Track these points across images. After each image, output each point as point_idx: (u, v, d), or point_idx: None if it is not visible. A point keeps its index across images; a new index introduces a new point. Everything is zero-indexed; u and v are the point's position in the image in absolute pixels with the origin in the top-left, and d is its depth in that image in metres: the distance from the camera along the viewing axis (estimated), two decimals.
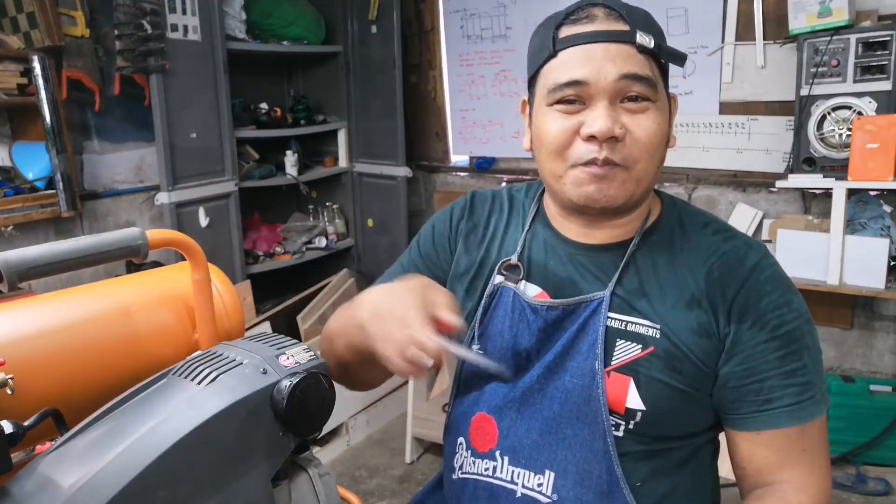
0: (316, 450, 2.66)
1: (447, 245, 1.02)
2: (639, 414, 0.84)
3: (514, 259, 0.94)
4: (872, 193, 2.53)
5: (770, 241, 2.72)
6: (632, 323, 0.85)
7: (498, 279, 0.94)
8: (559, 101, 0.83)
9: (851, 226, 2.51)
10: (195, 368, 0.66)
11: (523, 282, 0.93)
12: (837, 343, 2.77)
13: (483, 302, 0.95)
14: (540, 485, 0.87)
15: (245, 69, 3.11)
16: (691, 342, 0.83)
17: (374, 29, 3.23)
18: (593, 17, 0.83)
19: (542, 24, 0.88)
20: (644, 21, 0.84)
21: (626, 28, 0.82)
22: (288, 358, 0.68)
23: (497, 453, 0.90)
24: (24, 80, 2.31)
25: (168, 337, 0.82)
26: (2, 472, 0.61)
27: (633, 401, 0.84)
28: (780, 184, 2.57)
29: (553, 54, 0.83)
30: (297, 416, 0.65)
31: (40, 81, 2.23)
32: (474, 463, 0.93)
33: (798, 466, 0.83)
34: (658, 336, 0.84)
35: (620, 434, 0.85)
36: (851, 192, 2.46)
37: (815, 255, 2.46)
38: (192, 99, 2.60)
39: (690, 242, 0.88)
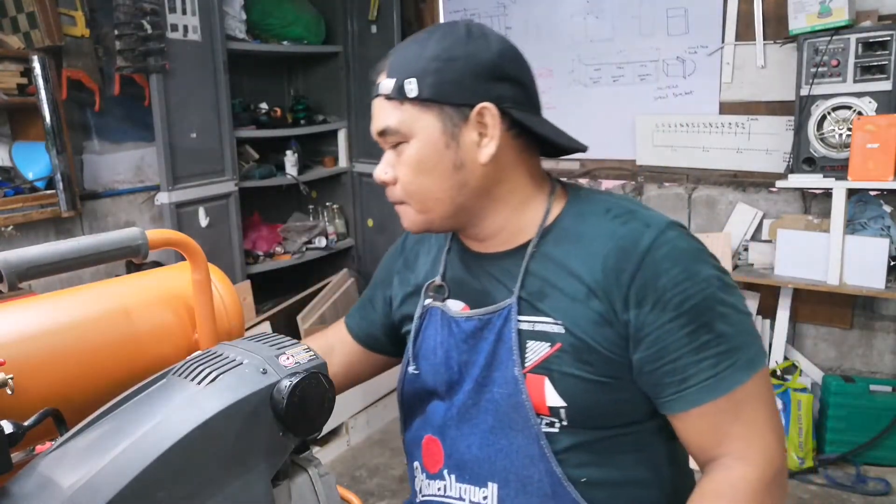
0: (316, 450, 2.66)
1: (390, 286, 1.10)
2: (562, 411, 0.85)
3: (437, 280, 0.98)
4: (872, 193, 2.53)
5: (770, 241, 2.72)
6: (538, 323, 0.86)
7: (427, 301, 0.99)
8: None
9: (851, 226, 2.51)
10: (195, 368, 0.66)
11: (449, 299, 0.97)
12: (837, 343, 2.77)
13: (415, 324, 0.99)
14: (485, 498, 0.90)
15: (245, 69, 3.11)
16: (594, 333, 0.83)
17: (374, 29, 3.23)
18: (377, 71, 0.90)
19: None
20: (395, 65, 0.87)
21: (379, 80, 0.88)
22: (288, 358, 0.68)
23: (445, 472, 0.94)
24: (24, 80, 2.31)
25: (168, 337, 0.82)
26: (2, 472, 0.61)
27: (553, 399, 0.85)
28: (780, 184, 2.57)
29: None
30: (297, 416, 0.65)
31: (40, 81, 2.23)
32: (429, 485, 0.97)
33: (735, 436, 0.82)
34: (563, 332, 0.85)
35: (556, 430, 0.86)
36: (851, 192, 2.46)
37: (815, 255, 2.46)
38: (192, 99, 2.60)
39: (589, 233, 0.87)
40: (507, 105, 0.86)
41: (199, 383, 0.64)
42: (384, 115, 0.87)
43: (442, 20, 3.40)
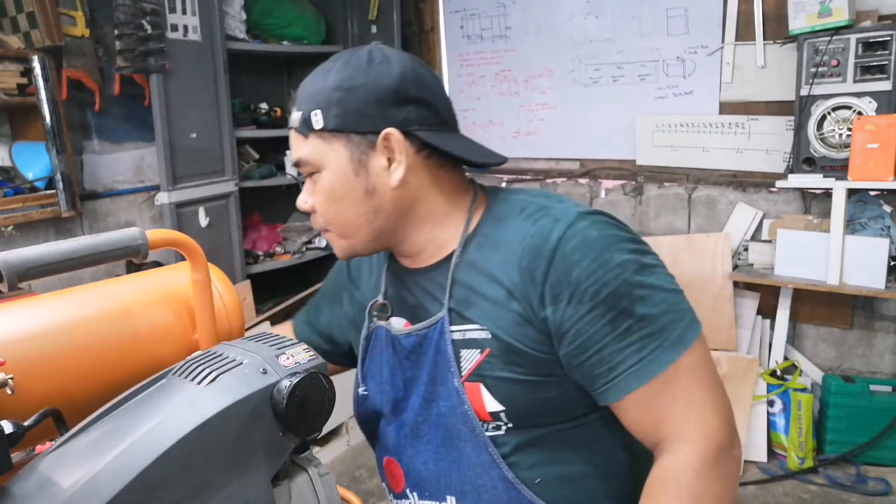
0: (316, 450, 2.66)
1: (339, 301, 1.11)
2: (502, 414, 0.86)
3: (380, 299, 0.99)
4: (872, 193, 2.53)
5: (770, 241, 2.72)
6: (468, 331, 0.87)
7: (372, 321, 1.00)
8: None
9: (851, 226, 2.51)
10: (195, 368, 0.66)
11: (393, 317, 0.98)
12: (837, 343, 2.77)
13: (362, 345, 1.01)
14: None
15: (245, 69, 3.11)
16: (517, 334, 0.84)
17: (374, 29, 3.23)
18: (292, 102, 0.92)
19: None
20: (307, 96, 0.88)
21: (293, 114, 0.89)
22: (288, 358, 0.68)
23: (407, 491, 0.96)
24: (24, 80, 2.31)
25: (168, 337, 0.82)
26: (2, 472, 0.61)
27: (491, 404, 0.86)
28: (780, 184, 2.57)
29: None
30: (297, 416, 0.65)
31: (40, 81, 2.22)
32: None
33: (673, 417, 0.81)
34: (489, 337, 0.85)
35: (503, 433, 0.87)
36: (851, 192, 2.46)
37: (815, 255, 2.46)
38: (192, 99, 2.60)
39: (505, 236, 0.87)
40: (413, 128, 0.85)
41: (199, 383, 0.64)
42: (296, 146, 0.89)
43: (442, 20, 3.40)
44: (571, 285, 0.80)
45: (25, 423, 0.63)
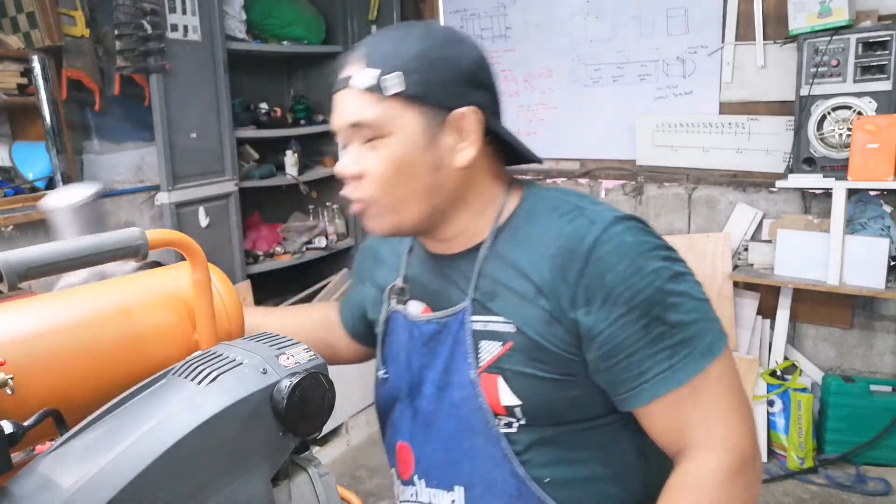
0: (316, 450, 2.66)
1: (364, 283, 1.11)
2: (517, 409, 0.85)
3: (399, 282, 0.98)
4: (872, 193, 2.53)
5: (770, 241, 2.72)
6: (490, 322, 0.86)
7: (391, 304, 0.99)
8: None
9: (851, 226, 2.51)
10: (195, 368, 0.66)
11: (410, 301, 0.97)
12: (837, 343, 2.77)
13: (381, 328, 1.00)
14: (453, 501, 0.90)
15: (245, 69, 3.11)
16: (544, 331, 0.83)
17: (373, 29, 3.23)
18: (344, 63, 0.87)
19: None
20: (381, 57, 0.83)
21: (350, 73, 0.84)
22: (288, 358, 0.68)
23: (416, 478, 0.95)
24: (24, 80, 2.31)
25: (168, 337, 0.82)
26: (2, 472, 0.61)
27: (507, 397, 0.85)
28: (780, 184, 2.57)
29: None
30: (297, 416, 0.65)
31: (40, 81, 2.22)
32: (403, 491, 0.98)
33: (698, 425, 0.80)
34: (514, 331, 0.85)
35: (515, 430, 0.86)
36: (851, 192, 2.46)
37: (815, 255, 2.46)
38: (192, 99, 2.60)
39: (538, 233, 0.87)
40: (485, 112, 0.85)
41: (199, 383, 0.64)
42: (358, 107, 0.83)
43: (442, 20, 3.40)
44: (605, 289, 0.80)
45: (25, 423, 0.63)
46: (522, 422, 0.86)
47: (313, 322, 1.16)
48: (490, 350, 0.86)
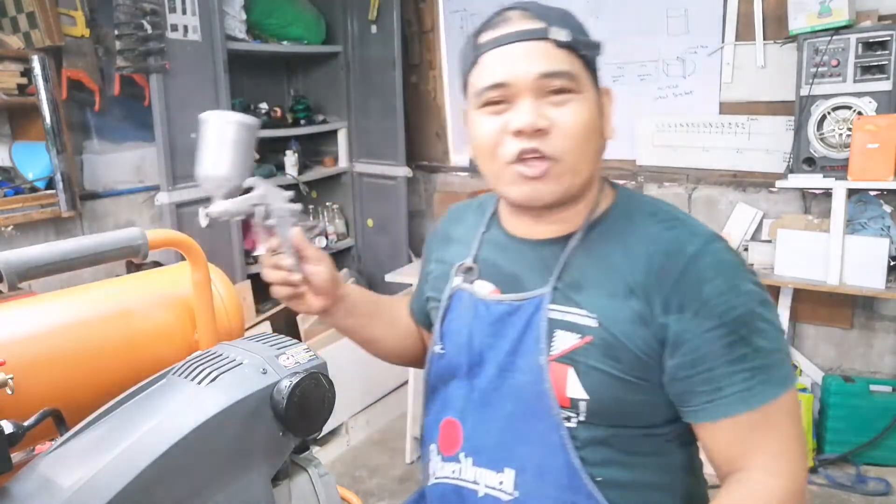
0: (316, 450, 2.66)
1: (431, 261, 1.10)
2: (582, 403, 0.85)
3: (468, 261, 0.98)
4: (872, 193, 2.53)
5: (770, 241, 2.72)
6: (570, 314, 0.86)
7: (456, 281, 0.99)
8: (486, 104, 0.86)
9: (851, 226, 2.51)
10: (195, 368, 0.66)
11: (478, 281, 0.97)
12: (837, 343, 2.77)
13: (443, 304, 0.99)
14: (501, 483, 0.89)
15: (245, 69, 3.11)
16: (629, 331, 0.83)
17: (374, 29, 3.23)
18: (508, 19, 0.86)
19: (469, 36, 0.92)
20: (560, 17, 0.86)
21: (540, 25, 0.84)
22: (288, 358, 0.68)
23: (461, 455, 0.93)
24: (24, 80, 2.31)
25: (168, 337, 0.82)
26: (2, 472, 0.61)
27: (575, 390, 0.85)
28: (780, 184, 2.57)
29: (475, 61, 0.87)
30: (297, 416, 0.65)
31: (40, 81, 2.23)
32: (443, 467, 0.96)
33: (764, 450, 0.82)
34: (595, 326, 0.85)
35: (574, 425, 0.86)
36: (851, 192, 2.46)
37: (815, 255, 2.46)
38: (192, 99, 2.60)
39: (634, 233, 0.88)
40: None
41: (200, 383, 0.64)
42: (556, 59, 0.83)
43: (442, 20, 3.40)
44: (700, 300, 0.81)
45: (25, 423, 0.63)
46: (582, 418, 0.85)
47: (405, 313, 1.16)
48: (565, 340, 0.85)
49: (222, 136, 0.93)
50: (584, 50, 0.85)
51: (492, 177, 0.90)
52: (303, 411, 0.66)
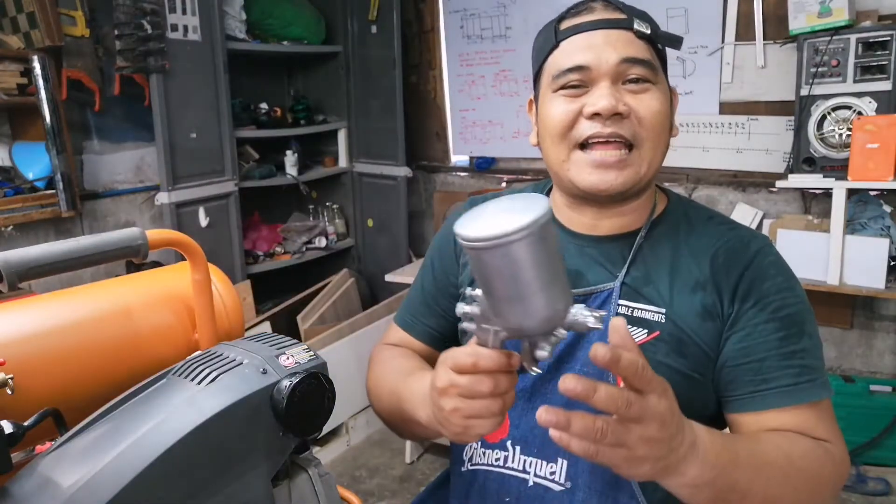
0: (316, 450, 2.66)
1: (454, 261, 1.06)
2: None
3: None
4: (872, 193, 2.53)
5: None
6: (638, 309, 0.87)
7: None
8: (563, 87, 0.87)
9: (851, 226, 2.51)
10: (195, 368, 0.66)
11: None
12: (837, 343, 2.77)
13: None
14: (553, 473, 0.88)
15: (245, 69, 3.11)
16: (696, 325, 0.85)
17: (374, 29, 3.23)
18: (592, 9, 0.89)
19: (546, 25, 0.94)
20: (640, 13, 0.90)
21: (624, 16, 0.87)
22: (288, 358, 0.68)
23: (508, 443, 0.92)
24: (24, 80, 2.31)
25: (168, 337, 0.82)
26: (2, 472, 0.61)
27: None
28: (780, 184, 2.57)
29: (556, 45, 0.88)
30: (297, 416, 0.65)
31: (40, 81, 2.23)
32: (484, 454, 0.94)
33: (815, 432, 0.83)
34: (663, 321, 0.86)
35: None
36: (851, 192, 2.46)
37: (815, 255, 2.46)
38: (192, 99, 2.60)
39: (695, 232, 0.91)
40: None
41: (199, 383, 0.64)
42: (635, 48, 0.85)
43: (442, 20, 3.40)
44: (761, 292, 0.85)
45: (25, 423, 0.63)
46: None
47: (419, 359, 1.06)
48: (633, 336, 0.85)
49: (540, 252, 0.57)
50: (665, 43, 0.88)
51: (557, 162, 0.90)
52: (303, 411, 0.66)
